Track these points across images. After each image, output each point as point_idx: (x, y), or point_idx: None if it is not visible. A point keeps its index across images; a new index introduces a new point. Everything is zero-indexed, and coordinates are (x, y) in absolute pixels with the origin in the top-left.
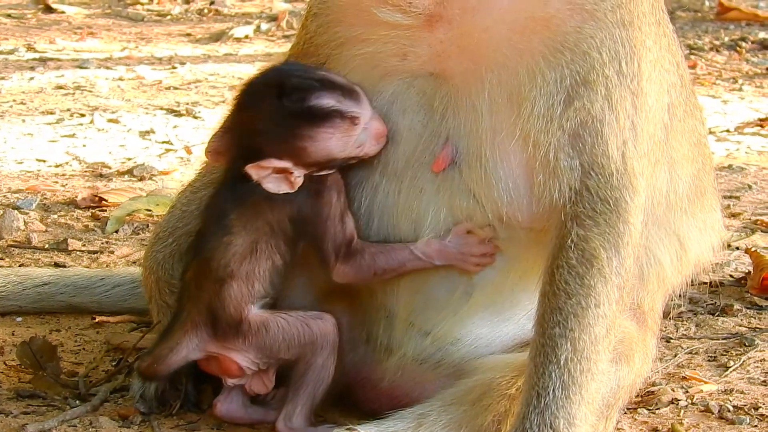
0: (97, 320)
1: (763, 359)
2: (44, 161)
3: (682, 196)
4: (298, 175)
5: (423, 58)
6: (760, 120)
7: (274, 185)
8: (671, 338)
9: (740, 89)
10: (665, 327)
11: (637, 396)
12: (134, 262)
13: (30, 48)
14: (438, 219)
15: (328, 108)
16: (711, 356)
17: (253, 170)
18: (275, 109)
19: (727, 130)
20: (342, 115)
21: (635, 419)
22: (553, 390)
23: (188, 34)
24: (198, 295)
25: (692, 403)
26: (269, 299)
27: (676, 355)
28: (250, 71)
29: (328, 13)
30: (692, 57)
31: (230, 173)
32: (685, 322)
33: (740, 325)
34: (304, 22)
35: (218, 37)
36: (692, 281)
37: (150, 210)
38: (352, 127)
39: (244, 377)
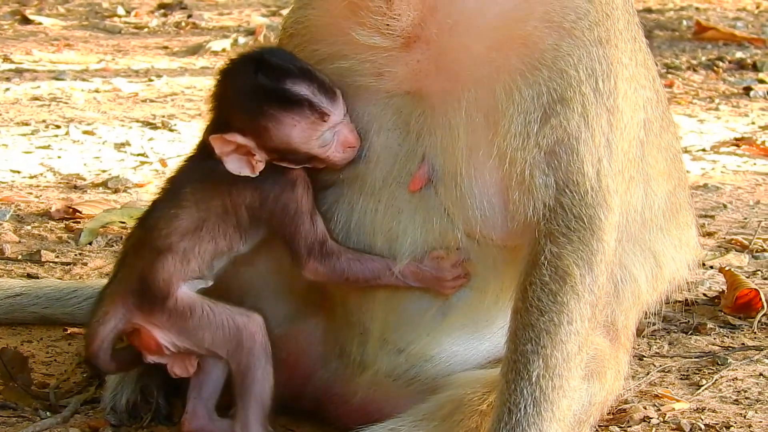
0: (69, 332)
1: (736, 378)
2: (19, 172)
3: (658, 213)
4: (260, 159)
5: (399, 78)
6: (736, 140)
7: (235, 165)
8: (644, 356)
9: (717, 109)
10: (638, 345)
11: (609, 413)
12: (107, 274)
13: (6, 59)
14: (415, 238)
15: (299, 95)
16: (683, 374)
17: (216, 142)
18: (249, 83)
19: (703, 150)
20: (311, 106)
21: None
22: (525, 406)
23: (165, 47)
24: (133, 262)
25: (664, 421)
26: (203, 282)
27: (648, 373)
28: None
29: (305, 33)
30: (669, 76)
31: (199, 149)
32: (658, 341)
33: (713, 344)
34: (280, 42)
35: (195, 50)
36: (667, 299)
37: (124, 222)
38: (319, 122)
39: (163, 357)
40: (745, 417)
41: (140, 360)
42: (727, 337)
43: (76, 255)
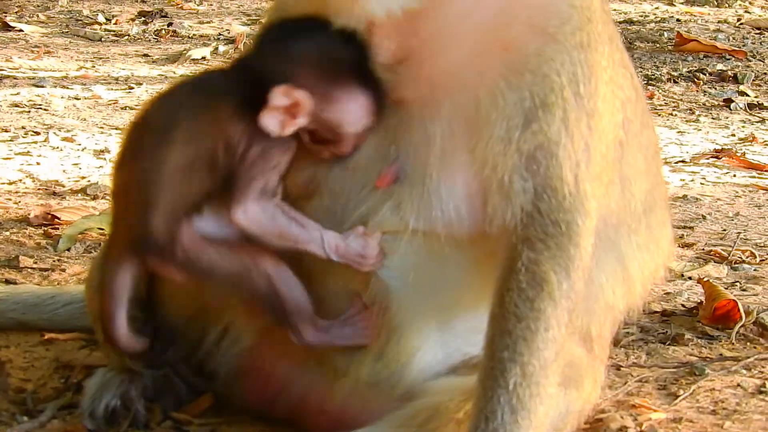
0: (46, 337)
1: (713, 389)
2: None
3: (633, 217)
4: (297, 124)
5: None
6: (716, 151)
7: (272, 122)
8: (621, 366)
9: (697, 120)
10: (616, 355)
11: (585, 423)
12: (85, 281)
13: None
14: (366, 213)
15: (375, 78)
16: (661, 385)
17: (279, 93)
18: (341, 50)
19: (683, 161)
20: (377, 95)
21: None
22: (502, 414)
23: (145, 55)
24: (126, 216)
25: (641, 431)
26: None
27: (626, 383)
28: None
29: None
30: (650, 87)
31: (195, 80)
32: (635, 351)
33: (691, 355)
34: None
35: (175, 58)
36: (643, 308)
37: (103, 229)
38: (372, 113)
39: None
40: (722, 427)
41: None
42: (705, 347)
43: (54, 261)
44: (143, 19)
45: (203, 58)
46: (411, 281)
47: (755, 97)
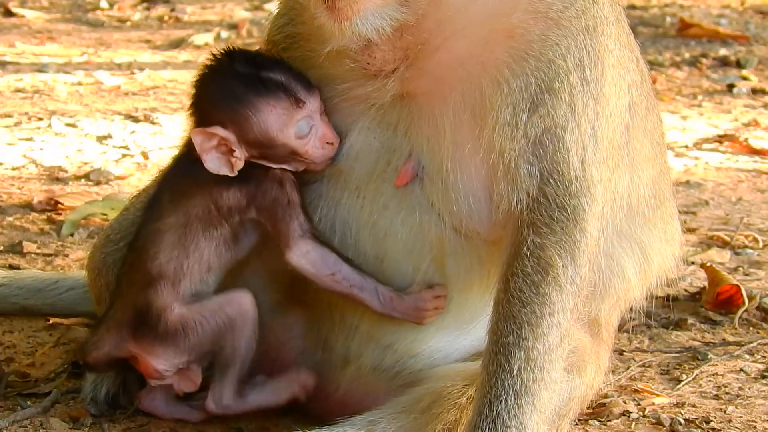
0: (50, 322)
1: (716, 373)
2: (1, 164)
3: (643, 202)
4: (239, 156)
5: (387, 89)
6: (719, 136)
7: (214, 163)
8: (624, 351)
9: (700, 105)
10: (619, 339)
11: (588, 407)
12: (87, 266)
13: None
14: (402, 234)
15: (275, 80)
16: (664, 369)
17: (197, 136)
18: (226, 73)
19: (686, 146)
20: (287, 91)
21: (586, 430)
22: (506, 399)
23: (148, 41)
24: (128, 292)
25: (644, 416)
26: (202, 295)
27: (628, 368)
28: None
29: (297, 48)
30: (653, 72)
31: (177, 156)
32: (638, 335)
33: (694, 339)
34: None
35: (178, 43)
36: (652, 294)
37: (106, 214)
38: (294, 108)
39: (164, 379)
40: (725, 412)
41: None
42: (708, 332)
43: (57, 246)
44: (146, 4)
45: (206, 43)
46: (426, 276)
47: (758, 81)
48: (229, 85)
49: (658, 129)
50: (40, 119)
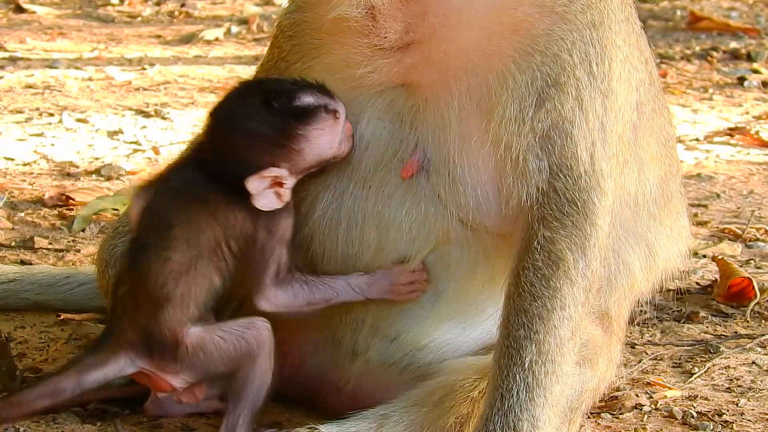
0: (62, 317)
1: (728, 366)
2: (12, 159)
3: (650, 199)
4: (289, 187)
5: (392, 72)
6: (730, 129)
7: (268, 200)
8: (636, 344)
9: (710, 99)
10: (630, 333)
11: (600, 401)
12: (96, 260)
13: (0, 48)
14: (406, 224)
15: (314, 104)
16: (676, 362)
17: (254, 182)
18: (265, 115)
19: (697, 139)
20: (326, 110)
21: (599, 424)
22: (517, 392)
23: (158, 36)
24: (134, 314)
25: (656, 409)
26: (205, 318)
27: (640, 361)
28: (219, 73)
29: (303, 35)
30: (663, 66)
31: (182, 178)
32: (650, 329)
33: (706, 332)
34: (275, 41)
35: (188, 39)
36: (660, 288)
37: (117, 209)
38: (336, 122)
39: (173, 392)
40: (737, 405)
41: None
42: (720, 325)
43: (69, 242)
44: (156, 0)
45: (216, 39)
46: (430, 267)
47: None
48: (274, 126)
49: (665, 131)
50: (51, 115)
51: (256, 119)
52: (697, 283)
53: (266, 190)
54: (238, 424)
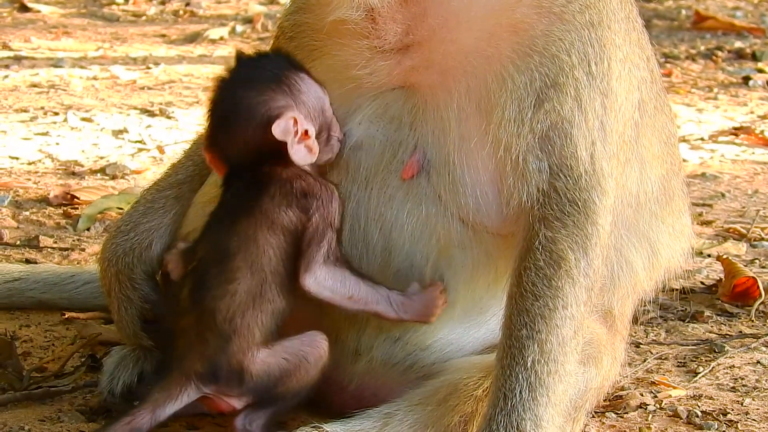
0: (66, 316)
1: (733, 366)
2: (17, 158)
3: (651, 198)
4: (312, 136)
5: (392, 74)
6: (735, 129)
7: (301, 153)
8: (641, 343)
9: (715, 98)
10: (635, 332)
11: (605, 400)
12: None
13: (5, 46)
14: (408, 225)
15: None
16: (680, 362)
17: (279, 126)
18: (263, 69)
19: (702, 139)
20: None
21: (603, 423)
22: (520, 391)
23: (163, 35)
24: (200, 347)
25: (660, 408)
26: (270, 339)
27: (645, 360)
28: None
29: (303, 37)
30: (668, 65)
31: (224, 197)
32: (655, 328)
33: (710, 332)
34: (276, 42)
35: (193, 38)
36: (663, 287)
37: (122, 208)
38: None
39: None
40: (741, 404)
41: None
42: (725, 324)
43: (74, 241)
44: None
45: (221, 38)
46: (434, 268)
47: None
48: (274, 75)
49: (667, 129)
50: (56, 114)
51: (258, 74)
52: (702, 283)
53: (297, 145)
54: (259, 415)
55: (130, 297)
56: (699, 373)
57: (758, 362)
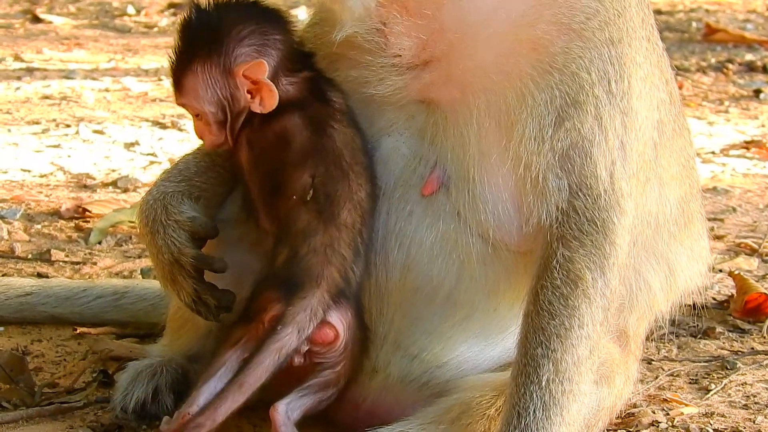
0: (78, 331)
1: (745, 383)
2: (29, 171)
3: (670, 219)
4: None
5: (411, 88)
6: (746, 142)
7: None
8: (653, 360)
9: (726, 111)
10: (647, 349)
11: (617, 417)
12: (117, 274)
13: (17, 58)
14: (427, 241)
15: None
16: (692, 379)
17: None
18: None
19: (713, 152)
20: None
21: None
22: (534, 410)
23: None
24: (338, 261)
25: (672, 426)
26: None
27: (657, 377)
28: None
29: (323, 48)
30: (679, 78)
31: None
32: (667, 344)
33: (722, 348)
34: None
35: None
36: (678, 307)
37: (133, 222)
38: None
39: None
40: (754, 422)
41: None
42: (737, 341)
43: (85, 254)
44: (173, 10)
45: None
46: (453, 284)
47: None
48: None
49: (686, 151)
50: (68, 126)
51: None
52: (714, 298)
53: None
54: (299, 411)
55: (178, 239)
56: (711, 390)
57: None
